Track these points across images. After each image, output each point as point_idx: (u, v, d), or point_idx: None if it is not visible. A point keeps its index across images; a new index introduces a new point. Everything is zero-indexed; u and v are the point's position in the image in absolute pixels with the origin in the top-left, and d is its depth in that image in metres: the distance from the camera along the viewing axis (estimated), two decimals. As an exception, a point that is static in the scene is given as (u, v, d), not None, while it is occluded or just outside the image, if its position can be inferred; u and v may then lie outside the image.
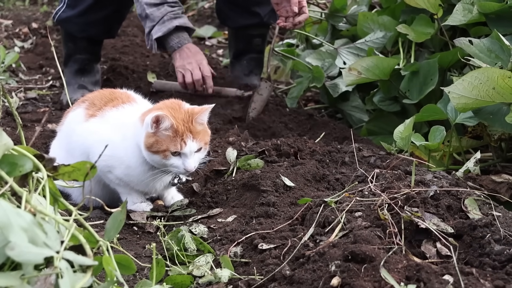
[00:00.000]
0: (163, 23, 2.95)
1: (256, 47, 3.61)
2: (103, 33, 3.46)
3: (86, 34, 3.39)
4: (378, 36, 3.19)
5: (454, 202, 1.71)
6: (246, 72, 3.57)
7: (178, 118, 2.00)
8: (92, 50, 3.50)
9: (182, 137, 1.99)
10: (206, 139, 2.07)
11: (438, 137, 2.33)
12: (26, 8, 6.95)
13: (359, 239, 1.48)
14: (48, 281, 1.03)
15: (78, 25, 3.35)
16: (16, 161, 1.20)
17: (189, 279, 1.61)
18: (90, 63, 3.51)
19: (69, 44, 3.47)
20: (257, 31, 3.57)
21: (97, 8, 3.30)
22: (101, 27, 3.39)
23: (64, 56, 3.55)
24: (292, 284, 1.45)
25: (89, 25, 3.34)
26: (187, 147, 1.99)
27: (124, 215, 1.33)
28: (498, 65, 2.23)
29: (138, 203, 2.16)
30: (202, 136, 2.04)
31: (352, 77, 2.88)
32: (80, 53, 3.46)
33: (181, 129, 1.99)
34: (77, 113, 2.24)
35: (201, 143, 2.03)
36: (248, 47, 3.59)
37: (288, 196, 2.08)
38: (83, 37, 3.41)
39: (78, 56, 3.46)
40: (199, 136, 2.02)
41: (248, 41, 3.57)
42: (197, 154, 2.04)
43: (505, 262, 1.46)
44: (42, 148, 2.62)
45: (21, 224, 1.03)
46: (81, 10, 3.31)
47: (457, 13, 2.63)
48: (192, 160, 2.02)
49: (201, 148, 2.04)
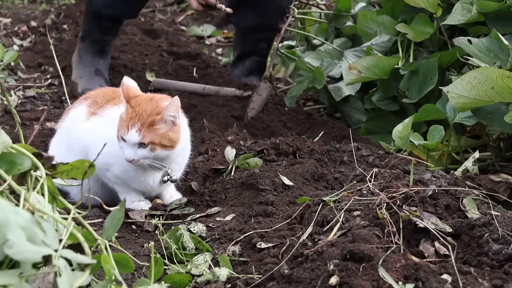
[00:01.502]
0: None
1: (261, 51, 3.65)
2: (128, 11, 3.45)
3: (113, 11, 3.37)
4: (384, 40, 3.18)
5: (452, 202, 1.71)
6: (246, 73, 3.63)
7: (141, 107, 1.99)
8: (115, 31, 3.51)
9: (128, 125, 1.98)
10: (162, 141, 2.00)
11: (436, 136, 2.33)
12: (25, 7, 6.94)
13: (358, 238, 1.48)
14: (46, 280, 1.03)
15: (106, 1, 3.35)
16: (15, 159, 1.20)
17: (188, 278, 1.61)
18: (109, 44, 3.53)
19: (93, 21, 3.44)
20: (265, 35, 3.61)
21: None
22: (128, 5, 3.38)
23: (83, 31, 3.52)
24: (290, 283, 1.45)
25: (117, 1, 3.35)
26: (127, 135, 1.97)
27: (122, 214, 1.33)
28: (497, 65, 2.23)
29: (136, 201, 2.16)
30: (155, 135, 1.98)
31: (352, 76, 2.88)
32: (103, 33, 3.45)
33: (133, 117, 1.97)
34: (79, 110, 2.25)
35: (147, 140, 1.97)
36: (253, 50, 3.64)
37: (287, 195, 2.08)
38: (109, 16, 3.38)
39: (99, 36, 3.45)
40: (149, 132, 1.97)
41: (254, 44, 3.61)
42: (140, 150, 1.99)
43: (503, 261, 1.46)
44: (41, 147, 2.62)
45: (19, 223, 1.03)
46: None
47: (456, 12, 2.63)
48: (132, 151, 1.99)
49: (145, 145, 1.98)
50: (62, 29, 5.68)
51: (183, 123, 2.14)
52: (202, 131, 2.85)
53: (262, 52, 3.66)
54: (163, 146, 2.00)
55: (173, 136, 2.02)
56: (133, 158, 2.00)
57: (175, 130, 2.03)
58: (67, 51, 4.77)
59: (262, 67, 3.71)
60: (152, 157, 2.01)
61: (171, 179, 2.14)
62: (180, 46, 4.85)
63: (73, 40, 5.12)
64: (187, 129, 2.21)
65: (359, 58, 3.11)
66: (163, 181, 2.14)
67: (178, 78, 3.82)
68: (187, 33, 5.83)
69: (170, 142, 2.02)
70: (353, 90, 3.27)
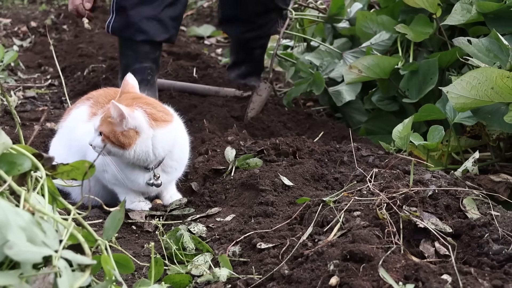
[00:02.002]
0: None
1: (257, 57, 3.71)
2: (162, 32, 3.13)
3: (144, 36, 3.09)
4: (384, 38, 3.17)
5: (452, 202, 1.71)
6: (242, 76, 3.71)
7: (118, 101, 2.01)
8: (154, 56, 3.16)
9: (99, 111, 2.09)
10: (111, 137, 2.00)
11: (436, 136, 2.33)
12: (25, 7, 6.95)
13: (358, 239, 1.48)
14: (46, 280, 1.03)
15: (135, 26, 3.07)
16: (15, 160, 1.20)
17: (188, 278, 1.61)
18: (153, 73, 3.18)
19: (129, 52, 3.15)
20: (258, 43, 3.65)
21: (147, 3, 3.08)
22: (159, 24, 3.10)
23: (121, 68, 3.23)
24: (290, 283, 1.45)
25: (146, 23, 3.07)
26: (93, 119, 2.08)
27: (122, 214, 1.33)
28: (496, 65, 2.23)
29: (136, 202, 2.16)
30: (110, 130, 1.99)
31: (353, 75, 2.88)
32: (141, 61, 3.14)
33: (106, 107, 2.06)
34: (81, 110, 2.25)
35: (101, 129, 2.00)
36: (248, 57, 3.70)
37: (287, 195, 2.08)
38: (144, 40, 3.10)
39: (138, 65, 3.13)
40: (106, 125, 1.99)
41: (249, 52, 3.67)
42: (97, 137, 2.02)
43: (504, 261, 1.46)
44: (41, 147, 2.62)
45: (19, 223, 1.03)
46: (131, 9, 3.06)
47: (455, 12, 2.63)
48: (93, 136, 2.03)
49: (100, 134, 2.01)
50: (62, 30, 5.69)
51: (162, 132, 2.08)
52: (202, 132, 2.85)
53: (257, 57, 3.72)
54: (112, 143, 2.00)
55: (122, 139, 2.00)
56: (90, 143, 2.03)
57: (126, 135, 2.00)
58: (67, 52, 4.78)
59: (259, 67, 3.76)
60: (104, 149, 2.01)
61: (154, 183, 2.12)
62: (180, 47, 4.86)
63: (72, 41, 5.13)
64: (184, 131, 2.21)
65: (359, 58, 3.11)
66: (148, 183, 2.12)
67: (177, 78, 3.82)
68: (186, 34, 5.83)
69: (119, 142, 2.00)
70: (353, 93, 3.23)
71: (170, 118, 2.11)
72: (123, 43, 3.18)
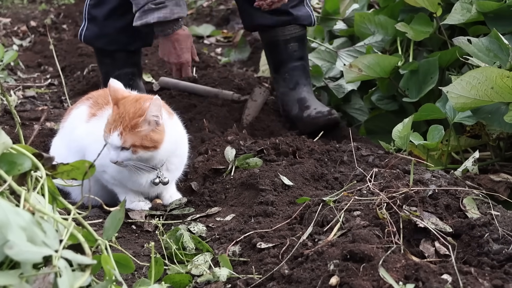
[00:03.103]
0: (143, 12, 2.69)
1: (294, 54, 3.13)
2: (135, 40, 3.07)
3: (118, 46, 3.06)
4: (377, 39, 3.18)
5: (452, 201, 1.71)
6: (291, 86, 3.13)
7: (125, 109, 1.98)
8: (133, 61, 3.14)
9: (111, 128, 1.98)
10: (143, 143, 1.98)
11: (436, 136, 2.33)
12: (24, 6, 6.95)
13: (358, 238, 1.48)
14: (46, 280, 1.03)
15: (107, 37, 3.04)
16: (15, 159, 1.20)
17: (188, 278, 1.61)
18: (134, 78, 3.14)
19: (106, 60, 3.12)
20: (289, 33, 3.10)
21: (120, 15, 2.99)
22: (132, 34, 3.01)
23: (102, 77, 3.20)
24: (290, 283, 1.45)
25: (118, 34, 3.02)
26: (109, 139, 1.98)
27: (122, 214, 1.33)
28: (496, 65, 2.23)
29: (136, 201, 2.16)
30: (136, 138, 1.97)
31: (353, 74, 2.88)
32: (120, 67, 3.10)
33: (115, 120, 1.97)
34: (80, 110, 2.25)
35: (127, 144, 1.96)
36: (285, 57, 3.14)
37: (287, 195, 2.08)
38: (117, 50, 3.08)
39: (118, 72, 3.08)
40: (130, 136, 1.96)
41: (283, 49, 3.12)
42: (123, 152, 1.98)
43: (504, 261, 1.46)
44: (41, 147, 2.62)
45: (19, 223, 1.03)
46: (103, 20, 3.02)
47: (455, 12, 2.63)
48: (116, 153, 1.98)
49: (127, 148, 1.97)
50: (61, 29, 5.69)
51: (172, 124, 2.12)
52: (202, 131, 2.85)
53: (295, 54, 3.13)
54: (145, 148, 1.99)
55: (156, 136, 2.00)
56: (116, 160, 1.99)
57: (158, 131, 2.01)
58: (66, 51, 4.78)
59: (305, 71, 3.17)
60: (135, 159, 2.00)
61: (162, 181, 2.13)
62: (180, 46, 4.84)
63: (72, 40, 5.13)
64: (182, 129, 2.21)
65: (357, 57, 3.11)
66: (154, 183, 2.12)
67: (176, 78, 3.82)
68: (186, 33, 5.81)
69: (153, 143, 2.00)
70: (355, 85, 3.26)
71: (171, 111, 2.18)
72: (99, 52, 3.16)
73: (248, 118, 3.15)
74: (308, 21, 3.12)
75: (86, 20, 3.07)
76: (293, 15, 3.07)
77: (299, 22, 3.10)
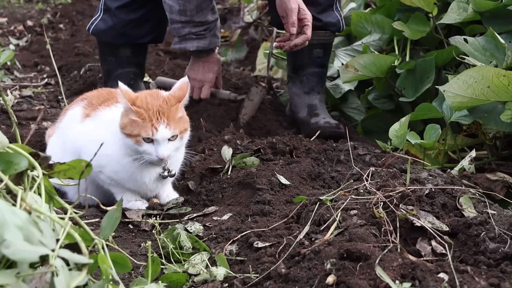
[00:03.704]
0: (183, 39, 2.86)
1: (317, 60, 3.07)
2: (146, 35, 3.09)
3: (126, 39, 3.06)
4: (375, 38, 3.19)
5: (449, 200, 1.71)
6: (306, 89, 3.08)
7: (153, 103, 1.99)
8: (137, 61, 3.15)
9: (153, 123, 1.97)
10: (185, 126, 2.05)
11: (433, 135, 2.33)
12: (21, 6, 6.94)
13: (355, 237, 1.48)
14: (43, 279, 1.03)
15: (117, 30, 3.04)
16: (11, 159, 1.20)
17: (185, 277, 1.61)
18: (136, 78, 3.14)
19: (110, 57, 3.12)
20: (316, 38, 2.94)
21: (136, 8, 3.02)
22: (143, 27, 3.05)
23: (103, 74, 3.21)
24: (287, 282, 1.45)
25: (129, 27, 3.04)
26: (158, 133, 1.97)
27: (119, 213, 1.33)
28: (493, 64, 2.24)
29: (133, 201, 2.16)
30: (179, 123, 2.02)
31: (349, 74, 2.88)
32: (123, 66, 3.11)
33: (152, 115, 1.97)
34: (75, 111, 2.25)
35: (176, 131, 2.00)
36: (307, 61, 3.07)
37: (284, 194, 2.08)
38: (125, 44, 3.08)
39: (121, 70, 3.10)
40: (175, 123, 2.00)
41: (307, 53, 3.03)
42: (172, 143, 2.01)
43: (500, 260, 1.47)
44: (37, 146, 2.61)
45: (16, 222, 1.02)
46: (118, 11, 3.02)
47: (452, 11, 2.63)
48: (165, 147, 1.99)
49: (176, 136, 2.01)
50: (58, 29, 5.68)
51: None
52: (198, 130, 2.85)
53: (317, 60, 3.07)
54: (186, 130, 2.07)
55: (185, 117, 2.08)
56: (168, 154, 2.01)
57: (184, 113, 2.09)
58: (63, 51, 4.77)
59: (323, 79, 3.14)
60: (180, 146, 2.07)
61: (170, 173, 2.13)
62: (177, 46, 4.84)
63: (69, 40, 5.12)
64: None
65: (355, 56, 3.11)
66: (163, 176, 2.12)
67: (174, 77, 3.81)
68: (183, 32, 5.81)
69: (187, 124, 2.08)
70: (352, 85, 3.27)
71: None
72: (104, 48, 3.16)
73: (245, 118, 3.15)
74: (336, 27, 3.04)
75: (102, 11, 3.09)
76: (322, 21, 2.98)
77: (327, 28, 3.03)
